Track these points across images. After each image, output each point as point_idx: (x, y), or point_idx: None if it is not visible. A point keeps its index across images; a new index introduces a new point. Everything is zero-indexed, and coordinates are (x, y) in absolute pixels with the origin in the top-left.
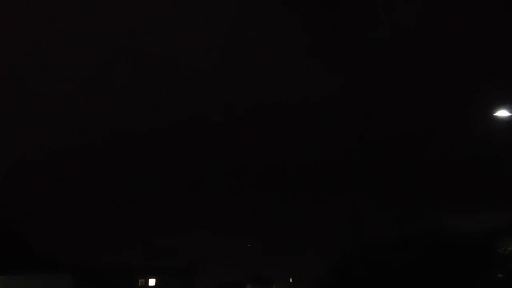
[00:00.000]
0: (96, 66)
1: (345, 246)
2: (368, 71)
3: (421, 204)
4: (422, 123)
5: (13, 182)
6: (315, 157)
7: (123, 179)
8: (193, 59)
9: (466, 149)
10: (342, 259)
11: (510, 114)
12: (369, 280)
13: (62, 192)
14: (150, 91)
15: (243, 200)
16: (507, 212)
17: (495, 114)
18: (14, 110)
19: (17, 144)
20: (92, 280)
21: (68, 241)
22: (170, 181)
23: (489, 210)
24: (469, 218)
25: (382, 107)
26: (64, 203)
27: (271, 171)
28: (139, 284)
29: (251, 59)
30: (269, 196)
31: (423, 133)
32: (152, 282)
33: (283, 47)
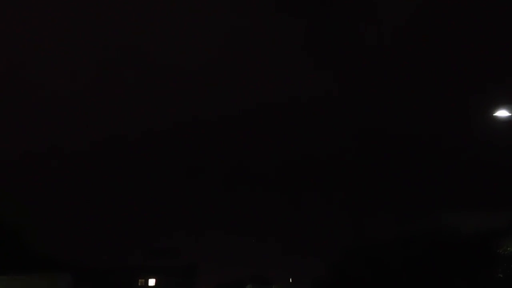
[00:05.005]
0: (95, 67)
1: (345, 246)
2: (366, 70)
3: (421, 204)
4: (422, 122)
5: (13, 181)
6: (315, 157)
7: (123, 179)
8: (189, 60)
9: (466, 149)
10: (342, 259)
11: (510, 114)
12: (369, 280)
13: (62, 192)
14: (147, 92)
15: (243, 200)
16: (507, 212)
17: (495, 114)
18: (15, 108)
19: (17, 144)
20: (92, 280)
21: (68, 241)
22: (170, 181)
23: (489, 210)
24: (469, 218)
25: (381, 106)
26: (64, 203)
27: (270, 171)
28: (139, 284)
29: (248, 60)
30: (268, 196)
31: (422, 133)
32: (152, 282)
33: (279, 47)
